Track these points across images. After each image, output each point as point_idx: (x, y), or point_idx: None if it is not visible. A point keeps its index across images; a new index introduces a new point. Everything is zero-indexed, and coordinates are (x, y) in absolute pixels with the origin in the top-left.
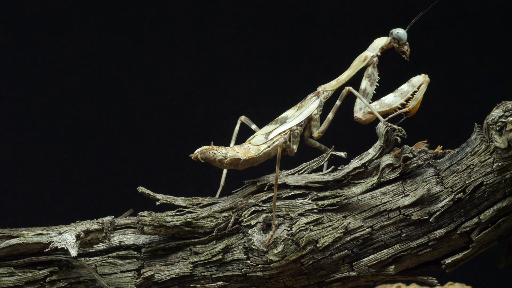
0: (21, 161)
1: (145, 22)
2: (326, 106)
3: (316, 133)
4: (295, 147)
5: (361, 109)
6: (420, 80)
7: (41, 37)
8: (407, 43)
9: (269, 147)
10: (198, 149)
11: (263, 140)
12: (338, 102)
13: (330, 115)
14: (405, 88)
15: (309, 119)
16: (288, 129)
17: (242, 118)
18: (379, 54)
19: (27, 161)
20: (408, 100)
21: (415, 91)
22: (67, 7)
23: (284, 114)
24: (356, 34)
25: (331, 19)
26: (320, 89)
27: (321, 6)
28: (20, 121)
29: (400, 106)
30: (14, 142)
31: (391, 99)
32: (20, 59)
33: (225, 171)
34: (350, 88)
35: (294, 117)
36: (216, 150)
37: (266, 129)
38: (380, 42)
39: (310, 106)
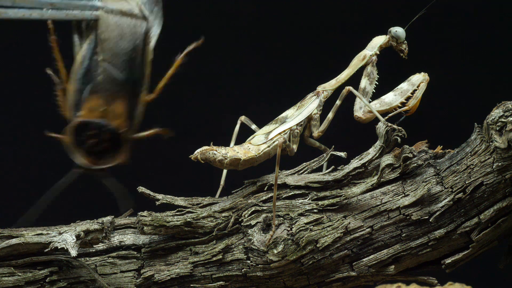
0: (21, 161)
1: None
2: (326, 106)
3: (316, 132)
4: (295, 146)
5: (361, 108)
6: (419, 79)
7: (40, 37)
8: (406, 41)
9: (269, 146)
10: (198, 150)
11: (263, 140)
12: (338, 102)
13: (330, 115)
14: (405, 86)
15: (309, 118)
16: (288, 129)
17: (242, 118)
18: (377, 52)
19: (27, 161)
20: (408, 98)
21: (415, 90)
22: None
23: (284, 114)
24: (355, 33)
25: (330, 18)
26: (319, 88)
27: (320, 5)
28: (20, 121)
29: (400, 105)
30: (14, 142)
31: (391, 98)
32: (20, 59)
33: (225, 171)
34: (350, 87)
35: (294, 116)
36: (216, 151)
37: (266, 129)
38: (378, 40)
39: (310, 105)
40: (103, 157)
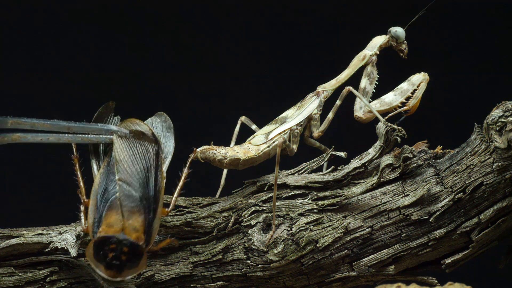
0: (21, 161)
1: (147, 22)
2: (326, 106)
3: (316, 132)
4: (295, 146)
5: (361, 108)
6: (420, 79)
7: (42, 37)
8: (405, 41)
9: (268, 146)
10: (198, 149)
11: (263, 140)
12: (338, 102)
13: (330, 115)
14: (405, 86)
15: (309, 118)
16: (288, 129)
17: (242, 118)
18: (377, 52)
19: (27, 161)
20: (408, 98)
21: (415, 90)
22: (67, 6)
23: (284, 114)
24: (355, 33)
25: (330, 18)
26: (319, 88)
27: (320, 5)
28: None
29: (400, 105)
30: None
31: (391, 98)
32: (20, 59)
33: (225, 171)
34: (350, 88)
35: (294, 116)
36: (216, 150)
37: (266, 129)
38: (378, 40)
39: (310, 105)
40: (123, 269)
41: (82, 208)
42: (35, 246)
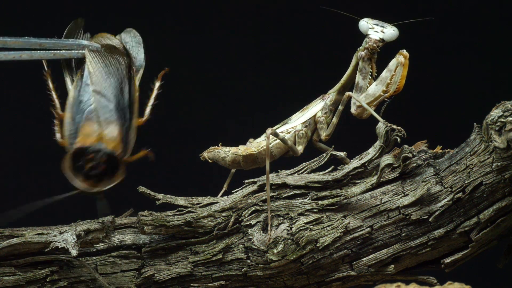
0: (21, 161)
1: (148, 22)
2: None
3: (323, 136)
4: (300, 148)
5: (354, 104)
6: (394, 63)
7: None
8: (371, 37)
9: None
10: (206, 150)
11: (263, 138)
12: (340, 107)
13: (334, 120)
14: (384, 74)
15: (316, 122)
16: (291, 128)
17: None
18: (367, 47)
19: (27, 161)
20: (388, 85)
21: (393, 75)
22: (66, 6)
23: (290, 117)
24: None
25: (335, 23)
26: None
27: (326, 12)
28: (20, 120)
29: (382, 93)
30: (14, 142)
31: (374, 89)
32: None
33: (230, 176)
34: (350, 93)
35: (297, 117)
36: (220, 149)
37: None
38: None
39: (314, 108)
40: (101, 179)
41: (56, 122)
42: (36, 245)
